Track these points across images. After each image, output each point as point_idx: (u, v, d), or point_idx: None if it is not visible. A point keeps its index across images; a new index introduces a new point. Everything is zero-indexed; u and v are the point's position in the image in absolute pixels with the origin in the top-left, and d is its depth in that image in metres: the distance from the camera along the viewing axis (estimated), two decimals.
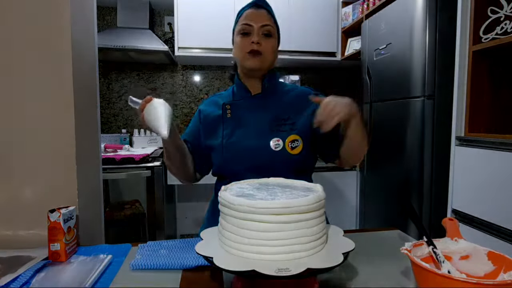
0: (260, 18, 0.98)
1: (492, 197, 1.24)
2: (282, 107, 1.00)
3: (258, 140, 0.96)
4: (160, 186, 2.22)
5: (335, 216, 1.16)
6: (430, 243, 0.65)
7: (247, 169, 0.94)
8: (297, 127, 0.98)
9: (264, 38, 0.97)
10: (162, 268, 0.72)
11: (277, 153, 0.94)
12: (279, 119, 0.98)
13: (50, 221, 0.76)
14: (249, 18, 0.98)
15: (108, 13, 2.77)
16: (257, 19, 0.97)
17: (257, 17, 0.98)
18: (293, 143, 0.96)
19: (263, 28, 0.97)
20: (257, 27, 0.97)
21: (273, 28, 0.99)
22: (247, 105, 1.01)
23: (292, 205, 0.56)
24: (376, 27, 2.06)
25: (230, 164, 0.97)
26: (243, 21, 0.98)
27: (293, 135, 0.96)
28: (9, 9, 0.89)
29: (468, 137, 1.38)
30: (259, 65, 0.97)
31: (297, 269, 0.52)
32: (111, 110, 2.83)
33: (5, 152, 0.90)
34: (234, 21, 1.03)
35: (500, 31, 1.26)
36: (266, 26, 0.97)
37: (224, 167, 0.99)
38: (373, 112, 2.13)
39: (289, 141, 0.96)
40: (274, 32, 0.99)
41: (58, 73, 0.92)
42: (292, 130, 0.97)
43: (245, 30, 0.97)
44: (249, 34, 0.97)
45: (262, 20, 0.97)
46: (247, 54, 0.97)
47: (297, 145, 0.97)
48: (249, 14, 0.99)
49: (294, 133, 0.97)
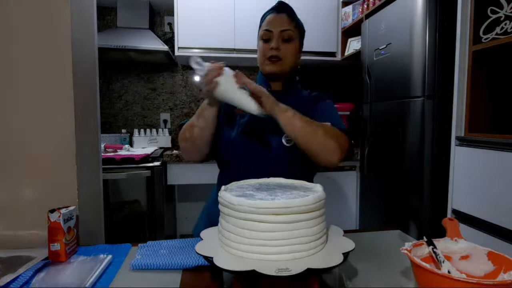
0: (280, 23, 0.99)
1: (492, 197, 1.24)
2: (297, 108, 1.00)
3: (272, 133, 0.96)
4: (160, 186, 2.22)
5: (335, 216, 1.16)
6: (430, 243, 0.65)
7: (255, 160, 0.95)
8: None
9: (284, 43, 0.98)
10: (162, 268, 0.72)
11: (287, 148, 0.95)
12: None
13: (50, 221, 0.76)
14: (269, 23, 0.99)
15: (108, 13, 2.77)
16: (277, 24, 0.98)
17: (277, 22, 0.99)
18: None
19: (282, 33, 0.98)
20: (277, 33, 0.98)
21: (294, 32, 1.00)
22: None
23: (292, 205, 0.56)
24: (376, 27, 2.06)
25: (240, 151, 0.97)
26: (264, 26, 1.00)
27: None
28: (9, 9, 0.89)
29: (468, 137, 1.38)
30: (277, 70, 0.99)
31: (297, 269, 0.52)
32: (111, 110, 2.83)
33: (5, 152, 0.90)
34: (259, 25, 1.05)
35: (500, 31, 1.26)
36: (286, 31, 0.98)
37: (234, 154, 0.98)
38: (373, 112, 2.13)
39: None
40: (294, 36, 1.00)
41: (58, 73, 0.92)
42: None
43: (265, 36, 0.99)
44: (269, 40, 0.99)
45: (282, 25, 0.98)
46: (266, 59, 0.99)
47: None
48: (269, 19, 1.00)
49: None
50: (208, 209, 1.08)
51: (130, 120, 2.86)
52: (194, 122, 0.91)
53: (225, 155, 1.00)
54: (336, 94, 3.11)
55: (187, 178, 2.34)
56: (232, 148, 0.98)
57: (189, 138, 0.93)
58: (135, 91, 2.85)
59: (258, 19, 1.08)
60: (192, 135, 0.92)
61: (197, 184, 2.51)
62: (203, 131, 0.90)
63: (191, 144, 0.94)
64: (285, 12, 1.00)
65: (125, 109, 2.85)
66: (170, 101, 2.90)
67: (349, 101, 2.82)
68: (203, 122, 0.89)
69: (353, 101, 2.81)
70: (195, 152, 0.97)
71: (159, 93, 2.88)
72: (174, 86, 2.90)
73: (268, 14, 1.03)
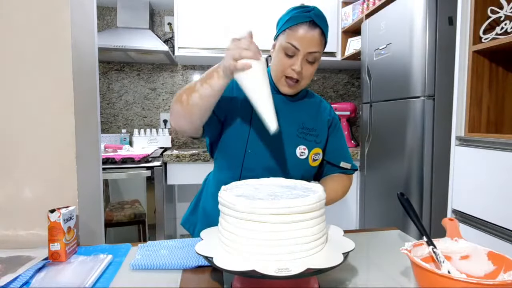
0: (311, 43, 0.86)
1: (492, 197, 1.24)
2: (308, 115, 0.99)
3: (286, 144, 0.94)
4: (160, 186, 2.22)
5: (335, 216, 1.16)
6: (430, 243, 0.65)
7: (264, 167, 0.93)
8: (320, 140, 0.99)
9: (307, 64, 0.89)
10: (162, 268, 0.72)
11: (300, 161, 0.95)
12: (305, 127, 0.97)
13: (50, 221, 0.76)
14: (298, 40, 0.86)
15: (108, 13, 2.77)
16: (307, 44, 0.86)
17: (307, 41, 0.86)
18: (316, 156, 0.98)
19: (309, 55, 0.87)
20: (304, 53, 0.86)
21: (320, 54, 0.89)
22: (278, 102, 0.88)
23: (292, 205, 0.56)
24: (376, 27, 2.06)
25: (251, 158, 0.93)
26: (291, 39, 0.86)
27: (317, 148, 0.98)
28: (9, 10, 0.89)
29: (468, 137, 1.38)
30: (293, 92, 0.94)
31: (297, 269, 0.52)
32: (111, 110, 2.83)
33: (5, 152, 0.90)
34: (282, 21, 0.90)
35: (500, 31, 1.26)
36: (313, 54, 0.87)
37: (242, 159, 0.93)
38: (373, 112, 2.13)
39: (313, 153, 0.97)
40: (319, 57, 0.90)
41: (58, 73, 0.92)
42: (316, 142, 0.98)
43: (290, 52, 0.87)
44: (293, 56, 0.87)
45: (311, 46, 0.86)
46: (284, 77, 0.90)
47: (318, 158, 0.99)
48: (300, 35, 0.85)
49: (318, 146, 0.98)
50: (204, 206, 1.06)
51: (130, 120, 2.86)
52: (196, 87, 0.78)
53: (233, 159, 0.95)
54: (336, 94, 3.11)
55: (187, 178, 2.34)
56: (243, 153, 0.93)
57: (185, 102, 0.80)
58: (135, 91, 2.85)
59: (258, 19, 1.06)
60: (189, 100, 0.79)
61: (197, 184, 2.51)
62: (202, 99, 0.78)
63: (185, 109, 0.81)
64: (318, 28, 0.87)
65: (125, 109, 2.85)
66: (170, 101, 2.90)
67: (349, 101, 2.82)
68: (207, 90, 0.77)
69: (353, 101, 2.81)
70: (186, 119, 0.84)
71: (159, 93, 2.88)
72: (174, 86, 2.90)
73: (299, 23, 0.86)
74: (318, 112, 1.02)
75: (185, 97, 0.80)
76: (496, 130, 1.41)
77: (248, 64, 0.69)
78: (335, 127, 1.04)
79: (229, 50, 0.71)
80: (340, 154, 1.03)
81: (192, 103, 0.79)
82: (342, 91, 3.11)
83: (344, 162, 1.03)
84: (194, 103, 0.79)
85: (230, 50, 0.70)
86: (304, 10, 0.88)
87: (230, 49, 0.70)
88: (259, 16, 2.47)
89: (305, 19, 0.86)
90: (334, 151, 1.03)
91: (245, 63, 0.69)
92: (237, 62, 0.70)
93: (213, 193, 1.01)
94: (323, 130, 1.01)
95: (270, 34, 0.99)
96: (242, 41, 0.70)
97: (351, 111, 2.79)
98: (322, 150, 1.00)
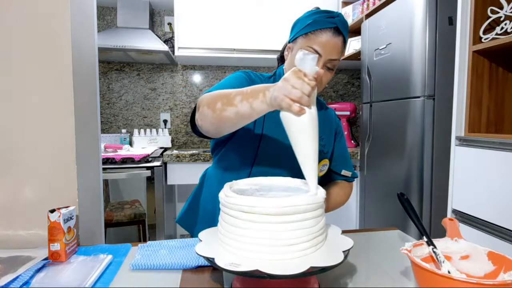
0: (333, 49, 0.85)
1: (492, 197, 1.24)
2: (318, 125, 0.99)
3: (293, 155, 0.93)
4: (160, 186, 2.22)
5: (335, 216, 1.16)
6: (430, 243, 0.65)
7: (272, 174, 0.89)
8: (327, 150, 0.99)
9: (325, 71, 0.87)
10: (162, 268, 0.72)
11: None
12: None
13: (50, 221, 0.76)
14: (321, 45, 0.84)
15: (108, 13, 2.77)
16: (329, 51, 0.84)
17: (330, 48, 0.84)
18: (323, 167, 0.98)
19: (329, 62, 0.86)
20: (325, 59, 0.85)
21: (339, 62, 0.89)
22: None
23: (292, 205, 0.56)
24: (376, 27, 2.06)
25: (260, 164, 0.91)
26: (313, 44, 0.84)
27: (325, 160, 0.98)
28: (9, 9, 0.89)
29: (468, 137, 1.38)
30: None
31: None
32: (111, 110, 2.83)
33: (5, 152, 0.90)
34: (303, 24, 0.87)
35: (500, 31, 1.26)
36: (334, 61, 0.86)
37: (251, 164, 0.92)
38: (373, 112, 2.13)
39: (321, 164, 0.97)
40: (337, 66, 0.89)
41: (58, 73, 0.92)
42: (323, 153, 0.98)
43: None
44: None
45: (333, 53, 0.85)
46: None
47: (324, 169, 1.00)
48: (323, 41, 0.83)
49: (326, 157, 0.98)
50: (204, 206, 1.05)
51: (130, 120, 2.86)
52: (235, 100, 0.69)
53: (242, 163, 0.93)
54: (336, 94, 3.11)
55: (187, 178, 2.34)
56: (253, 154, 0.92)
57: (218, 111, 0.72)
58: (135, 91, 2.85)
59: (258, 19, 1.06)
60: (223, 111, 0.71)
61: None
62: (238, 117, 0.70)
63: (216, 118, 0.74)
64: (342, 36, 0.86)
65: (125, 109, 2.85)
66: (170, 101, 2.90)
67: (349, 101, 2.82)
68: (246, 109, 0.68)
69: (353, 101, 2.81)
70: (213, 126, 0.77)
71: (159, 93, 2.88)
72: (174, 86, 2.90)
73: (323, 28, 0.84)
74: (326, 121, 1.01)
75: (219, 105, 0.72)
76: (496, 130, 1.41)
77: (304, 112, 0.60)
78: (339, 135, 1.05)
79: (289, 81, 0.59)
80: (343, 162, 1.05)
81: (226, 116, 0.71)
82: (342, 91, 3.11)
83: (345, 170, 1.05)
84: (227, 117, 0.71)
85: (290, 82, 0.59)
86: (328, 15, 0.85)
87: (291, 82, 0.59)
88: (259, 16, 2.48)
89: (330, 24, 0.84)
90: (337, 159, 1.04)
91: (300, 109, 0.59)
92: (293, 103, 0.59)
93: (215, 194, 0.99)
94: (330, 140, 1.01)
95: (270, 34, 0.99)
96: (306, 83, 0.59)
97: (351, 111, 2.79)
98: (329, 159, 1.01)
